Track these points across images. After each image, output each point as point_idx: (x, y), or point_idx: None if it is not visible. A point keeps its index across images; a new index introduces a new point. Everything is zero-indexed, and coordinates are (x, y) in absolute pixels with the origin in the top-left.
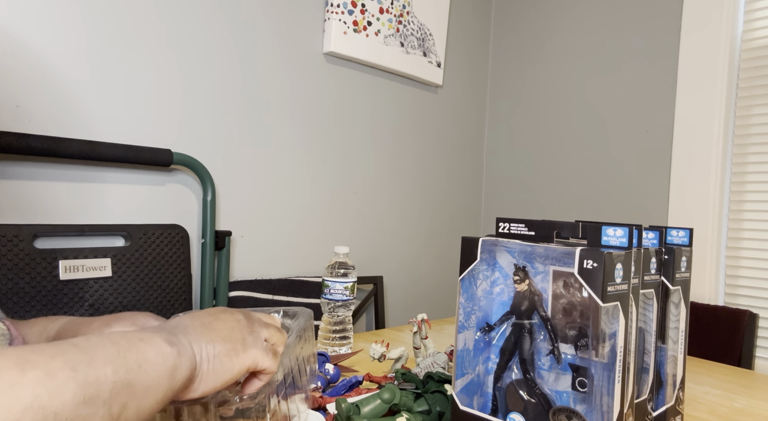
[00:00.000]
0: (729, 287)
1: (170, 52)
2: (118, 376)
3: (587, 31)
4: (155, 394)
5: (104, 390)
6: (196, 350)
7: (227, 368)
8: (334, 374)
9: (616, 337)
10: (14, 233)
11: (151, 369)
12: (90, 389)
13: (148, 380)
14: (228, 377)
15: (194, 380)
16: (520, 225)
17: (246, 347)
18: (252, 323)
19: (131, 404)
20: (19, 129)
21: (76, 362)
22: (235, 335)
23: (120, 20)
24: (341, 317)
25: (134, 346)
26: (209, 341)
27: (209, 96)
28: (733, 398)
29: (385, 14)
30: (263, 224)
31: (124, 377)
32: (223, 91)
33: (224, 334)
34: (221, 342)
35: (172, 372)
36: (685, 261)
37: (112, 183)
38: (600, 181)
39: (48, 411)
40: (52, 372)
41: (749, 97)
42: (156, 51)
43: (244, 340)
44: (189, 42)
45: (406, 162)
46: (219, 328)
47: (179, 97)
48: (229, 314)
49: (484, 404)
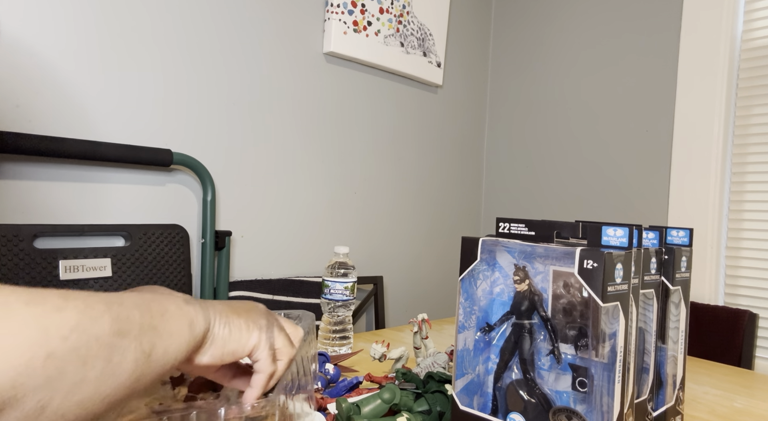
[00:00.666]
0: (729, 287)
1: (171, 52)
2: (144, 319)
3: (587, 31)
4: (179, 340)
5: (134, 327)
6: (211, 313)
7: (236, 337)
8: (334, 374)
9: (616, 337)
10: (14, 232)
11: (172, 319)
12: (122, 324)
13: (170, 327)
14: (235, 347)
15: (206, 341)
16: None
17: (259, 327)
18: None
19: (159, 345)
20: (19, 129)
21: (108, 302)
22: (251, 315)
23: (120, 21)
24: (341, 317)
25: (156, 299)
26: (224, 312)
27: (209, 96)
28: (733, 398)
29: (385, 14)
30: (263, 224)
31: (150, 321)
32: (224, 91)
33: (240, 311)
34: (235, 315)
35: (191, 325)
36: (685, 261)
37: (112, 183)
38: (600, 181)
39: (90, 334)
40: (90, 304)
41: (749, 97)
42: (156, 51)
43: (258, 322)
44: (189, 42)
45: (406, 162)
46: (236, 306)
47: (179, 97)
48: (252, 304)
49: (484, 404)
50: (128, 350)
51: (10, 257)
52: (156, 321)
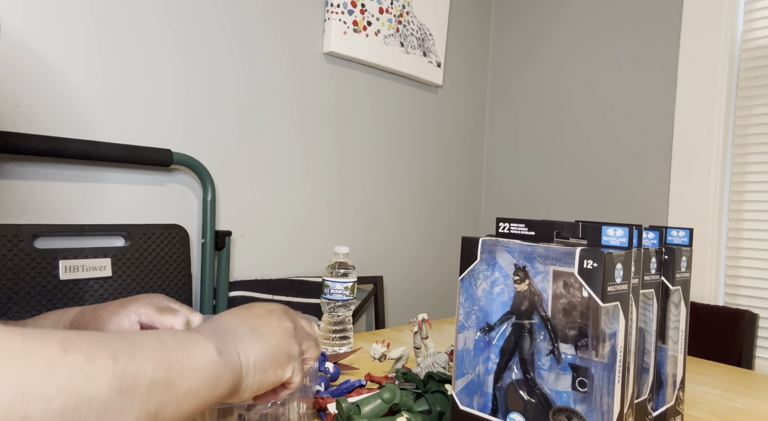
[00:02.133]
0: (729, 287)
1: (171, 52)
2: (158, 374)
3: (587, 31)
4: (195, 398)
5: (142, 385)
6: (242, 359)
7: (270, 380)
8: (334, 373)
9: (616, 337)
10: (14, 232)
11: (193, 374)
12: (128, 381)
13: (189, 385)
14: (269, 386)
15: (235, 393)
16: (520, 225)
17: (290, 359)
18: (297, 333)
19: (170, 404)
20: (19, 129)
21: (118, 353)
22: (282, 345)
23: (120, 20)
24: (341, 317)
25: (181, 347)
26: (257, 351)
27: (209, 96)
28: (733, 398)
29: (384, 14)
30: (263, 224)
31: (165, 376)
32: (224, 91)
33: (272, 344)
34: (269, 354)
35: (215, 382)
36: (685, 261)
37: (112, 183)
38: (600, 181)
39: (82, 395)
40: (92, 358)
41: (749, 97)
42: (156, 51)
43: (289, 352)
44: (189, 42)
45: (406, 162)
46: (268, 336)
47: (179, 98)
48: (277, 320)
49: (484, 404)
50: (129, 411)
51: (10, 257)
52: (173, 376)
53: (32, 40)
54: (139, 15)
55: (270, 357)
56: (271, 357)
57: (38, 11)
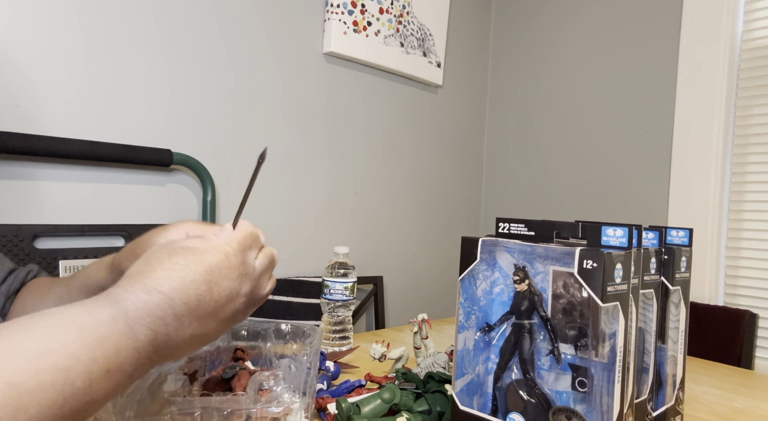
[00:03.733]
0: (729, 287)
1: (170, 52)
2: None
3: (587, 31)
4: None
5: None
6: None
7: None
8: (335, 371)
9: (615, 337)
10: (14, 233)
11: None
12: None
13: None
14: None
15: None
16: (519, 225)
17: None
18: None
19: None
20: (19, 129)
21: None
22: (220, 329)
23: (120, 21)
24: (341, 317)
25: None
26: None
27: (209, 96)
28: (733, 398)
29: (385, 14)
30: (263, 224)
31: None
32: (224, 91)
33: (212, 331)
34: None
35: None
36: (685, 261)
37: (112, 183)
38: (600, 181)
39: None
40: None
41: (749, 97)
42: (156, 52)
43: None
44: (189, 42)
45: (406, 162)
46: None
47: (179, 98)
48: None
49: (484, 404)
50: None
51: (10, 257)
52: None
53: (32, 41)
54: (141, 15)
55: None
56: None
57: (38, 12)
